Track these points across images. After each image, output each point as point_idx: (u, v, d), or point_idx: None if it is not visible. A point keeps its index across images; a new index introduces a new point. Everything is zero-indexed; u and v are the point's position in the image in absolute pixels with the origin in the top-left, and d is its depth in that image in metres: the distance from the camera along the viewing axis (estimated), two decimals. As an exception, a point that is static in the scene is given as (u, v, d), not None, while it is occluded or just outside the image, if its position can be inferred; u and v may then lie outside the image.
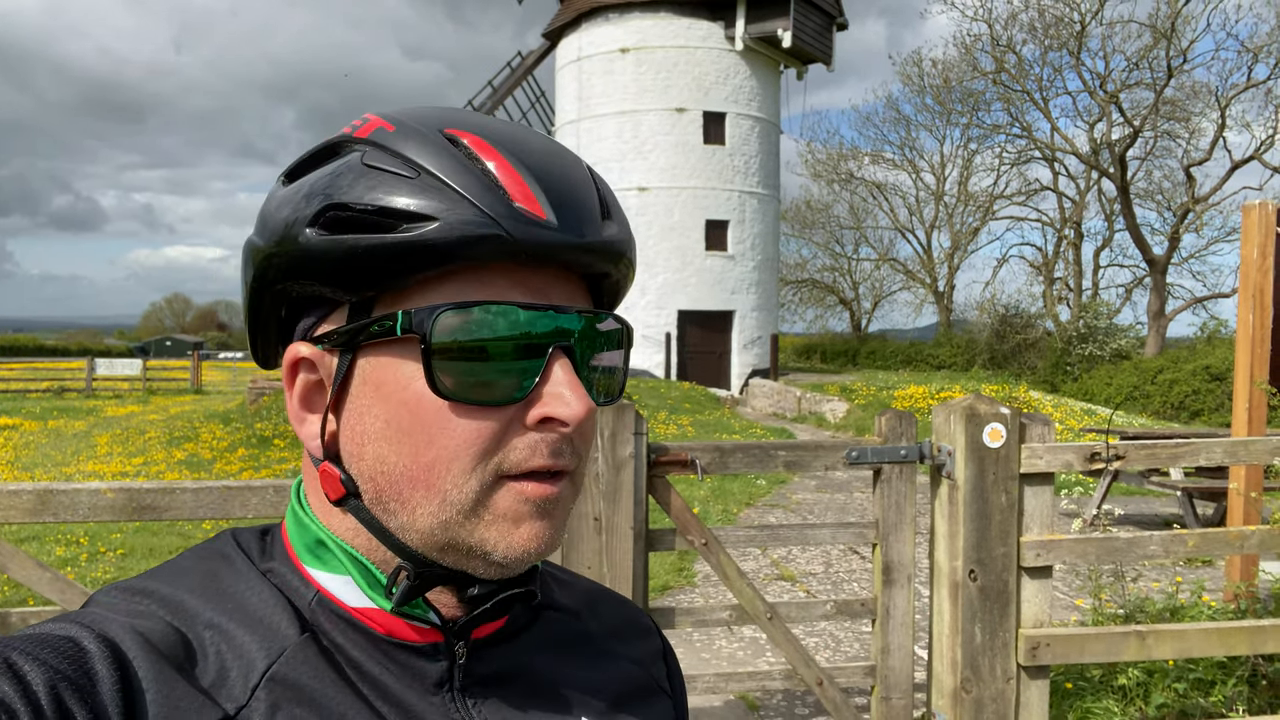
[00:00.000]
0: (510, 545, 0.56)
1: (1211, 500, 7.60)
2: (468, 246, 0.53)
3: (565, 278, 0.58)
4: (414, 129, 0.56)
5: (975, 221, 38.28)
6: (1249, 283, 4.36)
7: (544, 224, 0.54)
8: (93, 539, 7.64)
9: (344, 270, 0.54)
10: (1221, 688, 3.43)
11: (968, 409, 2.88)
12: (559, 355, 0.55)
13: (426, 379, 0.54)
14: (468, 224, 0.52)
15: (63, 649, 0.49)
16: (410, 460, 0.55)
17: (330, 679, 0.56)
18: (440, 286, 0.55)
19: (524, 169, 0.55)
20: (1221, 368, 19.66)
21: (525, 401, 0.55)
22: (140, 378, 28.22)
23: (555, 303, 0.56)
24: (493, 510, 0.55)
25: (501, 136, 0.57)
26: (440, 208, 0.52)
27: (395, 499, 0.56)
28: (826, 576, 6.55)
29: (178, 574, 0.59)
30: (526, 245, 0.53)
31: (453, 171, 0.54)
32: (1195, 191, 29.08)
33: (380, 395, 0.56)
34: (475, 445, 0.54)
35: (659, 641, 0.77)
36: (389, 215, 0.53)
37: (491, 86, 26.26)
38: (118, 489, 2.50)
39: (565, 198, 0.55)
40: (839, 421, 17.32)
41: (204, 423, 16.39)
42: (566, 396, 0.54)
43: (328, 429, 0.58)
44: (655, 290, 23.29)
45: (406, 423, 0.55)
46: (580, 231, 0.55)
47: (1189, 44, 27.13)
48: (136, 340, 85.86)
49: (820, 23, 24.62)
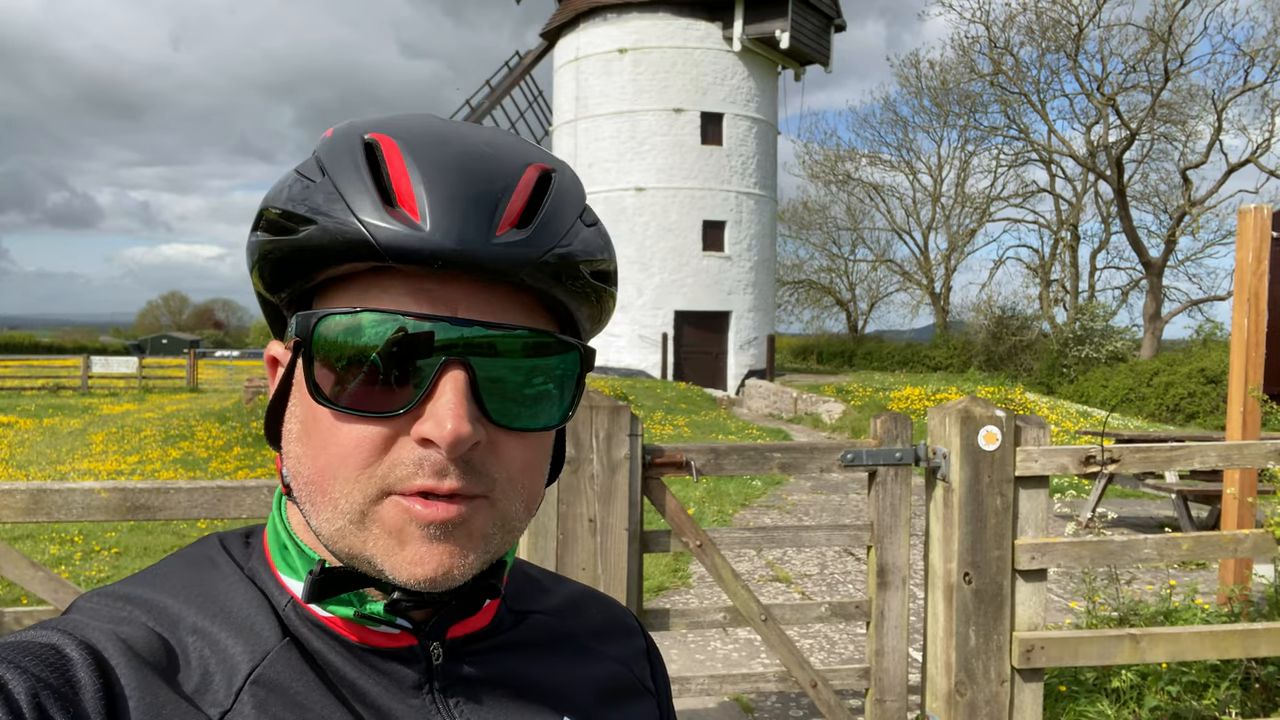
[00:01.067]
0: (396, 567, 0.53)
1: (1206, 503, 7.62)
2: (339, 248, 0.52)
3: (500, 292, 0.55)
4: (342, 134, 0.57)
5: (972, 223, 38.37)
6: (1244, 287, 4.37)
7: (415, 228, 0.51)
8: (87, 538, 7.62)
9: (262, 270, 0.57)
10: (1215, 691, 3.44)
11: (963, 412, 2.88)
12: (450, 369, 0.52)
13: (306, 383, 0.54)
14: (341, 227, 0.52)
15: (45, 656, 0.49)
16: (312, 465, 0.55)
17: (312, 683, 0.56)
18: (347, 291, 0.55)
19: (419, 170, 0.53)
20: (1217, 371, 19.69)
21: (411, 415, 0.53)
22: (136, 376, 28.15)
23: (467, 316, 0.53)
24: (379, 524, 0.53)
25: (419, 138, 0.55)
26: (323, 211, 0.53)
27: (308, 501, 0.56)
28: (822, 578, 6.55)
29: (161, 578, 0.59)
30: (393, 249, 0.51)
31: (345, 175, 0.53)
32: (1191, 194, 29.15)
33: (300, 397, 0.57)
34: (356, 455, 0.53)
35: (643, 641, 0.77)
36: (290, 218, 0.54)
37: (489, 86, 26.24)
38: (112, 488, 2.49)
39: (452, 201, 0.52)
40: (835, 423, 17.33)
41: (200, 421, 16.36)
42: (440, 416, 0.51)
43: (282, 424, 0.60)
44: (652, 290, 23.29)
45: (311, 426, 0.55)
46: (457, 237, 0.51)
47: (1186, 47, 27.24)
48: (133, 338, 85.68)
49: (818, 24, 24.64)
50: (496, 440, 0.55)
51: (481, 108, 25.54)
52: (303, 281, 0.55)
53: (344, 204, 0.52)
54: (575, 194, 0.59)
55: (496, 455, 0.55)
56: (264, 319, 0.65)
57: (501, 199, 0.54)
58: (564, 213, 0.56)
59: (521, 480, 0.57)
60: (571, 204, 0.58)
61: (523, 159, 0.57)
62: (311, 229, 0.53)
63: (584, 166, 23.84)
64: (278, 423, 0.60)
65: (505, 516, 0.56)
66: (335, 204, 0.53)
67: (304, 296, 0.58)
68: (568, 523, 2.81)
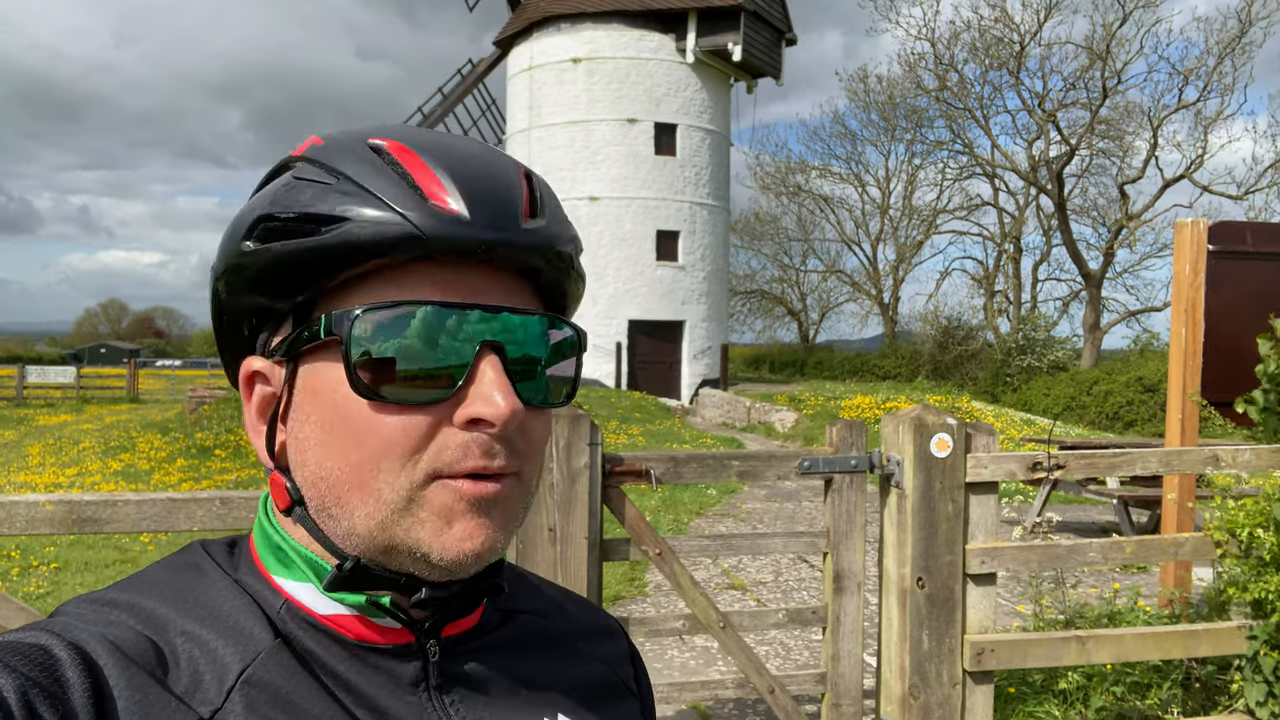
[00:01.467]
0: (444, 545, 0.55)
1: (1146, 508, 7.85)
2: (382, 242, 0.54)
3: (501, 279, 0.58)
4: (339, 140, 0.58)
5: (919, 235, 39.14)
6: (1181, 298, 4.52)
7: (456, 218, 0.54)
8: (24, 552, 7.37)
9: (274, 276, 0.57)
10: (1157, 690, 3.54)
11: (916, 419, 2.94)
12: (487, 354, 0.55)
13: (348, 379, 0.55)
14: (380, 221, 0.53)
15: (33, 656, 0.49)
16: (343, 463, 0.56)
17: (305, 682, 0.56)
18: (368, 290, 0.56)
19: (440, 168, 0.55)
20: (1154, 379, 20.29)
21: (453, 401, 0.55)
22: (74, 386, 27.36)
23: (486, 303, 0.56)
24: (426, 508, 0.55)
25: (423, 141, 0.58)
26: (354, 208, 0.54)
27: (335, 504, 0.57)
28: (776, 585, 6.61)
29: (147, 584, 0.59)
30: (438, 239, 0.53)
31: (368, 175, 0.55)
32: (1129, 208, 30.06)
33: (316, 401, 0.57)
34: (402, 444, 0.54)
35: (626, 644, 0.78)
36: (309, 220, 0.55)
37: (442, 94, 26.07)
38: (57, 501, 2.42)
39: (481, 193, 0.55)
40: (788, 431, 17.50)
41: (141, 432, 15.93)
42: (492, 396, 0.54)
43: (278, 439, 0.60)
44: (606, 300, 23.30)
45: (338, 426, 0.56)
46: (495, 225, 0.55)
47: (1123, 65, 28.12)
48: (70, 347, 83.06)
49: (769, 38, 24.94)
50: (523, 419, 0.57)
51: (434, 115, 25.35)
52: (326, 281, 0.56)
53: (377, 200, 0.54)
54: (553, 191, 0.63)
55: (524, 433, 0.58)
56: (209, 331, 0.65)
57: (518, 191, 0.57)
58: (558, 205, 0.61)
59: (539, 457, 0.61)
60: (558, 199, 0.62)
61: (508, 158, 0.60)
62: (344, 226, 0.54)
63: (537, 175, 23.74)
64: (273, 437, 0.60)
65: (528, 491, 0.60)
66: (367, 201, 0.54)
67: (310, 300, 0.58)
68: (527, 531, 2.80)
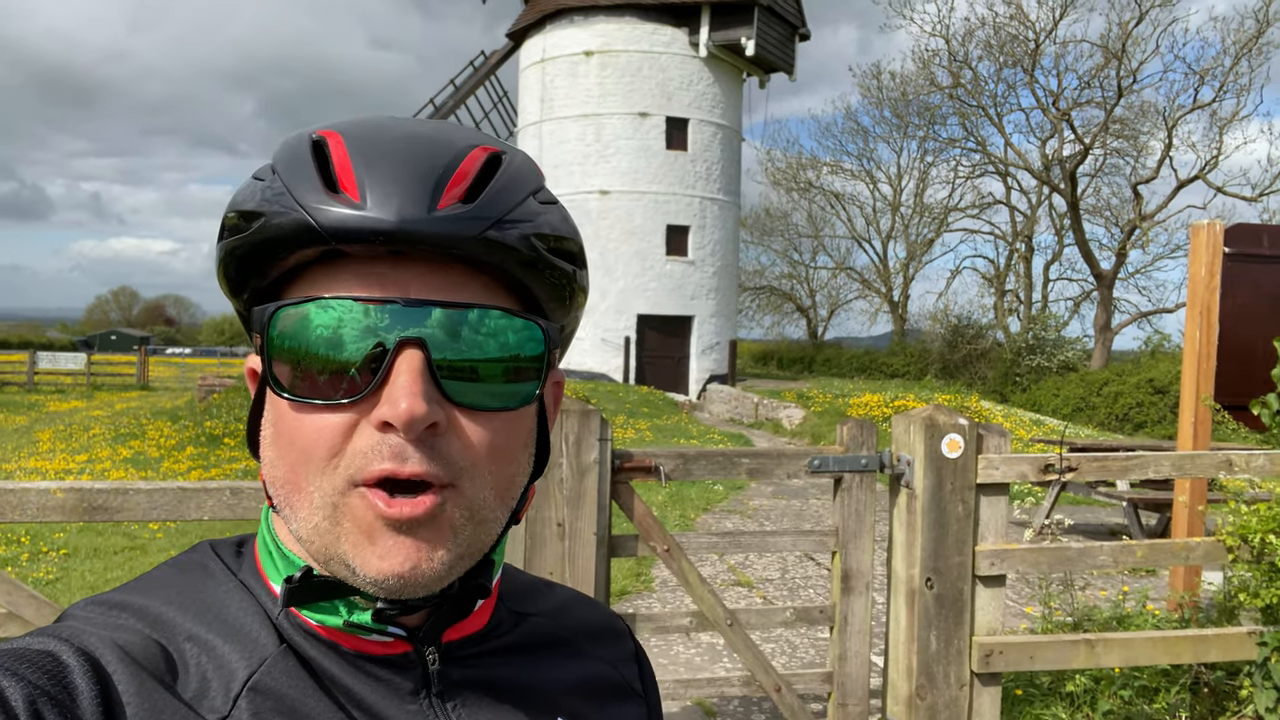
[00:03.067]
0: (365, 562, 0.53)
1: (1155, 511, 7.81)
2: (286, 236, 0.53)
3: (450, 272, 0.55)
4: (293, 137, 0.58)
5: (930, 233, 38.96)
6: (1196, 300, 4.49)
7: (354, 207, 0.52)
8: (34, 538, 7.42)
9: (225, 273, 0.58)
10: (1165, 695, 3.53)
11: (927, 420, 2.92)
12: (404, 350, 0.52)
13: (267, 377, 0.54)
14: (286, 215, 0.53)
15: (41, 663, 0.49)
16: (284, 464, 0.55)
17: (310, 690, 0.56)
18: (299, 287, 0.56)
19: (360, 156, 0.54)
20: (1165, 381, 20.19)
21: (370, 401, 0.53)
22: (84, 372, 27.50)
23: (413, 296, 0.53)
24: (349, 518, 0.53)
25: (364, 130, 0.56)
26: (272, 204, 0.54)
27: (286, 505, 0.56)
28: (783, 582, 6.60)
29: (155, 586, 0.59)
30: (332, 230, 0.52)
31: (292, 170, 0.55)
32: (1142, 209, 29.88)
33: (270, 400, 0.57)
34: (319, 445, 0.53)
35: (631, 645, 0.78)
36: (245, 217, 0.55)
37: (454, 85, 26.07)
38: (68, 489, 2.43)
39: (390, 180, 0.52)
40: (795, 428, 17.47)
41: (151, 420, 15.99)
42: (396, 397, 0.51)
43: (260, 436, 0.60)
44: (615, 294, 23.29)
45: (279, 425, 0.56)
46: (395, 213, 0.51)
47: (1138, 65, 27.94)
48: (80, 334, 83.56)
49: (783, 33, 24.85)
50: (459, 423, 0.54)
51: (445, 106, 25.35)
52: (259, 279, 0.56)
53: (288, 194, 0.53)
54: (528, 174, 0.58)
55: (460, 439, 0.54)
56: (220, 320, 0.65)
57: (444, 176, 0.54)
58: (512, 189, 0.56)
59: (489, 466, 0.55)
60: (523, 182, 0.57)
61: (469, 142, 0.57)
62: (260, 222, 0.54)
63: (549, 169, 23.76)
64: (257, 432, 0.60)
65: (473, 505, 0.55)
66: (281, 196, 0.54)
67: (263, 297, 0.58)
68: (536, 526, 2.80)
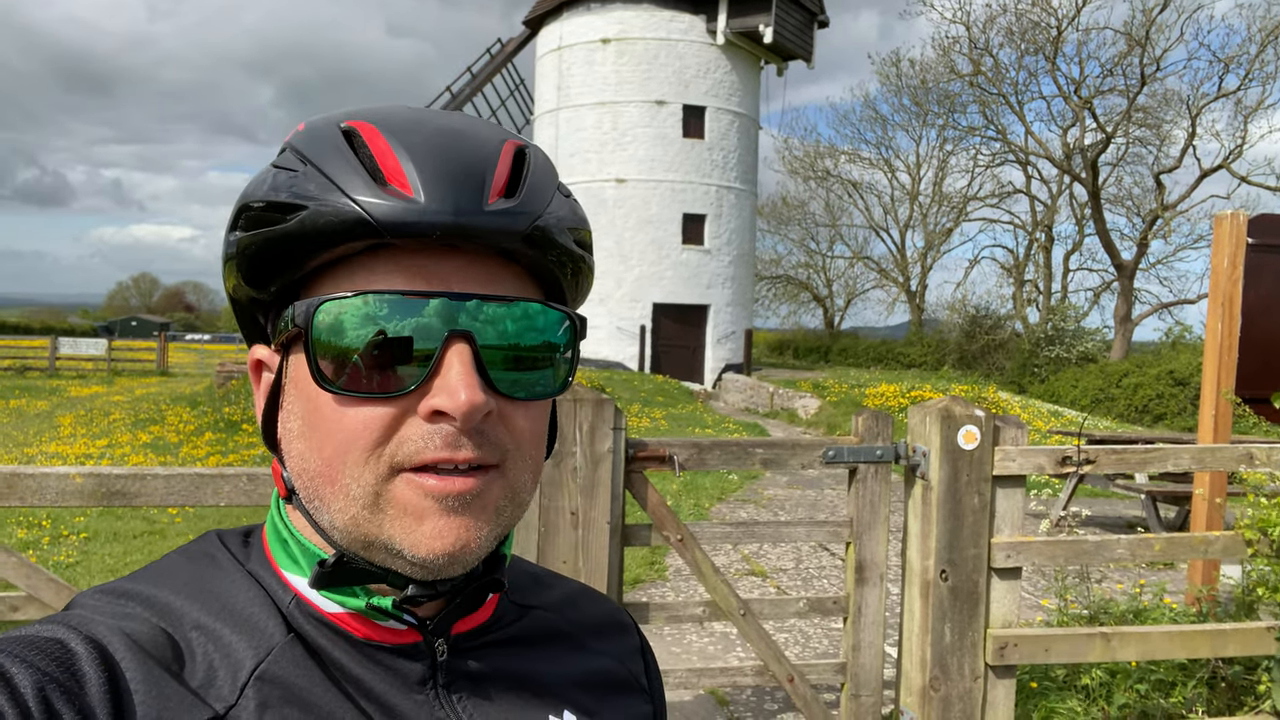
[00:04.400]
0: (415, 543, 0.54)
1: (1174, 504, 7.74)
2: (337, 228, 0.53)
3: (484, 264, 0.56)
4: (317, 126, 0.57)
5: (949, 222, 38.69)
6: (1219, 291, 4.43)
7: (409, 201, 0.52)
8: (55, 522, 7.51)
9: (251, 265, 0.56)
10: (1182, 689, 3.50)
11: (943, 411, 2.90)
12: (454, 343, 0.53)
13: (310, 371, 0.54)
14: (335, 207, 0.52)
15: (50, 651, 0.49)
16: (318, 457, 0.55)
17: (317, 678, 0.56)
18: (339, 279, 0.55)
19: (403, 149, 0.54)
20: (1185, 373, 20.00)
21: (419, 393, 0.53)
22: (105, 358, 27.75)
23: (455, 289, 0.54)
24: (394, 504, 0.54)
25: (396, 122, 0.56)
26: (313, 195, 0.53)
27: (316, 497, 0.56)
28: (797, 572, 6.60)
29: (162, 575, 0.59)
30: (389, 224, 0.52)
31: (331, 161, 0.54)
32: (1164, 199, 29.54)
33: (298, 393, 0.57)
34: (364, 437, 0.53)
35: (637, 639, 0.78)
36: (275, 209, 0.54)
37: (471, 73, 26.05)
38: (87, 474, 2.45)
39: (441, 174, 0.53)
40: (811, 418, 17.42)
41: (170, 405, 16.15)
42: (452, 387, 0.52)
43: (278, 428, 0.60)
44: (631, 283, 23.27)
45: (312, 418, 0.56)
46: (453, 207, 0.52)
47: (1162, 52, 27.59)
48: (101, 320, 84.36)
49: (801, 20, 24.67)
50: (503, 411, 0.56)
51: (462, 94, 25.34)
52: (294, 270, 0.55)
53: (334, 186, 0.53)
54: (550, 167, 0.60)
55: (505, 425, 0.56)
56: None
57: (487, 171, 0.54)
58: (545, 183, 0.58)
59: (529, 450, 0.58)
60: (550, 175, 0.59)
61: (499, 136, 0.58)
62: (303, 214, 0.53)
63: (565, 156, 23.75)
64: (273, 426, 0.60)
65: (515, 487, 0.57)
66: (325, 188, 0.53)
67: (290, 290, 0.57)
68: (550, 515, 2.80)
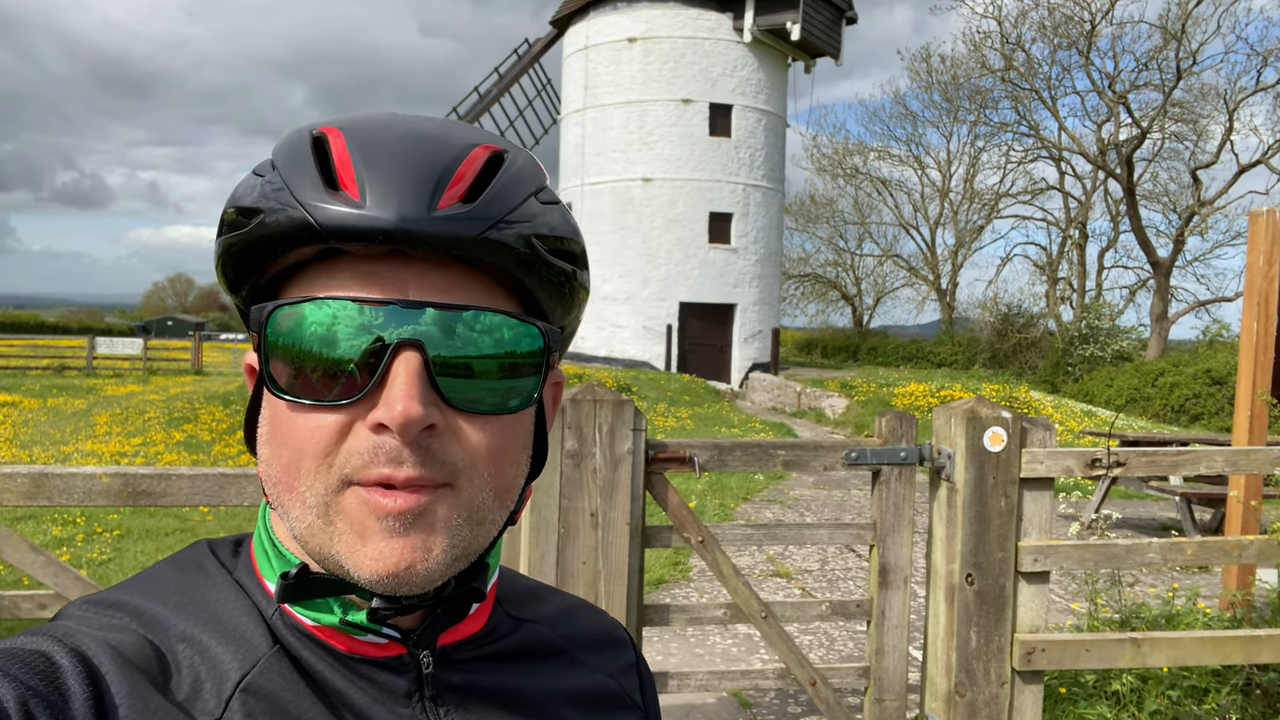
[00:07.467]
0: (359, 564, 0.52)
1: (1210, 506, 7.60)
2: (285, 233, 0.53)
3: (450, 272, 0.54)
4: (292, 133, 0.57)
5: (980, 219, 38.24)
6: (1254, 290, 4.33)
7: (353, 205, 0.51)
8: (89, 519, 7.64)
9: (225, 268, 0.57)
10: (1215, 696, 3.43)
11: (969, 412, 2.86)
12: (402, 353, 0.52)
13: (263, 376, 0.54)
14: (285, 212, 0.53)
15: (34, 664, 0.49)
16: (279, 463, 0.55)
17: (302, 691, 0.56)
18: (297, 286, 0.55)
19: (360, 155, 0.53)
20: (1223, 372, 19.63)
21: (366, 402, 0.52)
22: (141, 357, 28.18)
23: (413, 297, 0.53)
24: (343, 518, 0.53)
25: (363, 128, 0.55)
26: (271, 201, 0.53)
27: (280, 503, 0.56)
28: (822, 574, 6.55)
29: (150, 585, 0.59)
30: (331, 229, 0.51)
31: (292, 167, 0.54)
32: (1201, 195, 29.01)
33: (266, 398, 0.57)
34: (313, 445, 0.53)
35: (632, 655, 0.77)
36: (243, 214, 0.55)
37: (498, 74, 26.16)
38: (113, 474, 2.48)
39: (391, 180, 0.52)
40: (838, 417, 17.32)
41: (204, 404, 16.38)
42: (392, 399, 0.51)
43: (258, 431, 0.60)
44: (658, 281, 23.25)
45: (274, 424, 0.56)
46: (395, 212, 0.51)
47: (1199, 46, 27.07)
48: (138, 319, 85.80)
49: (829, 16, 24.51)
50: (457, 425, 0.54)
51: (490, 95, 25.46)
52: (257, 276, 0.56)
53: (288, 191, 0.53)
54: (530, 173, 0.57)
55: (458, 441, 0.54)
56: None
57: (444, 175, 0.53)
58: (514, 188, 0.55)
59: (487, 467, 0.55)
60: (525, 182, 0.56)
61: (471, 140, 0.56)
62: (260, 219, 0.53)
63: (591, 156, 23.79)
64: (254, 429, 0.60)
65: (471, 506, 0.55)
66: (280, 193, 0.53)
67: (261, 294, 0.57)
68: (569, 516, 2.80)
